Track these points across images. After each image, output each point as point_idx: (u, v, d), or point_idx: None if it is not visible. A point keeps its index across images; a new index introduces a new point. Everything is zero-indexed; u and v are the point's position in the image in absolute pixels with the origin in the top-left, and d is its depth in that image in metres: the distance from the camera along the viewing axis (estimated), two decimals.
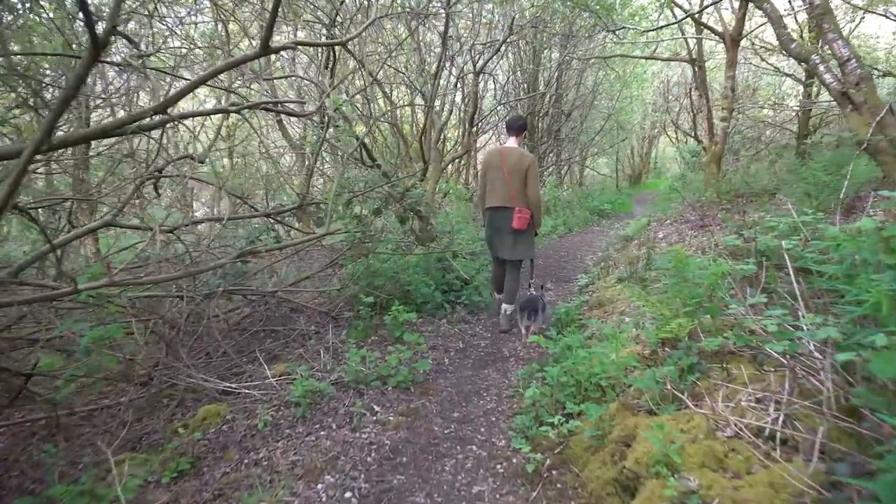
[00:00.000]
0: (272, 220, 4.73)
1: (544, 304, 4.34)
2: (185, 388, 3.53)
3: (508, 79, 12.12)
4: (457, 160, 14.51)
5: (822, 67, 4.06)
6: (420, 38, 9.26)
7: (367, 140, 11.11)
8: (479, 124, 13.95)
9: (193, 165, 4.83)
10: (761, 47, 10.71)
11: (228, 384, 3.52)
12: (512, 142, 4.56)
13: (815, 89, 10.78)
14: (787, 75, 11.38)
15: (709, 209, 7.99)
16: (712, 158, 8.70)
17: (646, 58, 9.82)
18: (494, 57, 10.17)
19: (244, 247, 4.44)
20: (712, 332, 2.49)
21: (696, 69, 8.95)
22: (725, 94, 8.53)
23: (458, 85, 10.05)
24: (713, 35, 8.44)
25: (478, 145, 15.14)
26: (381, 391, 3.40)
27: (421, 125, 8.81)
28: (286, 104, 6.01)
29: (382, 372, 3.49)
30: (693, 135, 17.42)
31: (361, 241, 4.87)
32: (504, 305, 4.68)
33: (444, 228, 6.20)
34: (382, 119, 9.32)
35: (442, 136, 12.82)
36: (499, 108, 11.81)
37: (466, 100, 11.00)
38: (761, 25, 8.72)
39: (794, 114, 12.97)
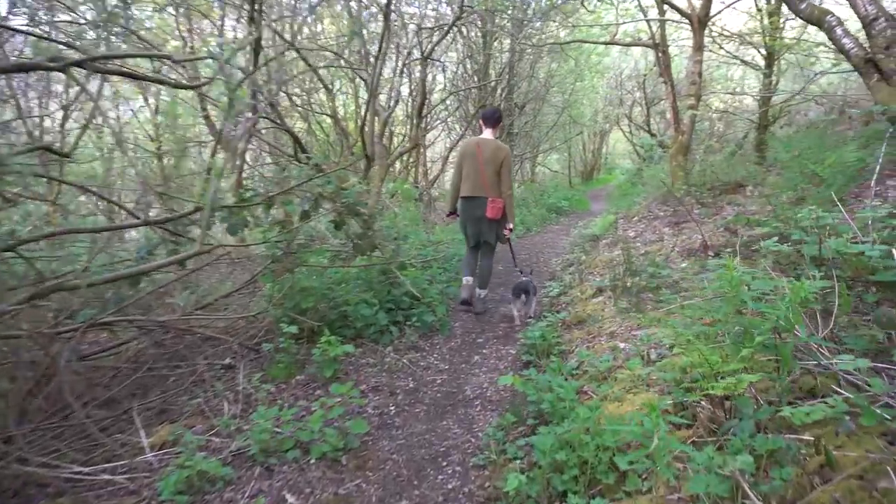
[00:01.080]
0: (162, 229, 3.65)
1: (535, 287, 4.43)
2: (17, 477, 2.46)
3: (458, 69, 11.26)
4: (405, 157, 13.59)
5: (839, 31, 3.39)
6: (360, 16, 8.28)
7: (304, 136, 10.08)
8: (428, 117, 13.08)
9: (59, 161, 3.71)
10: (720, 34, 10.28)
11: (81, 467, 2.48)
12: (488, 133, 4.59)
13: (774, 79, 10.46)
14: (746, 63, 11.00)
15: (680, 204, 7.38)
16: (679, 149, 8.11)
17: (606, 43, 9.18)
18: (443, 44, 9.32)
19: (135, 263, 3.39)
20: (788, 390, 1.66)
21: (660, 54, 8.35)
22: (692, 79, 7.94)
23: (405, 73, 9.10)
24: (678, 17, 7.84)
25: (427, 141, 14.23)
26: (301, 467, 2.43)
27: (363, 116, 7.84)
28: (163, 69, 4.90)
29: (303, 436, 2.52)
30: (646, 128, 17.11)
31: (285, 253, 3.88)
32: (478, 290, 4.71)
33: (391, 234, 5.27)
34: (320, 111, 8.31)
35: (388, 131, 11.86)
36: (448, 99, 10.96)
37: (414, 92, 10.08)
38: (728, 6, 8.16)
39: (754, 103, 12.73)
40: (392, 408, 3.08)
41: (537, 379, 2.65)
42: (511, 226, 4.65)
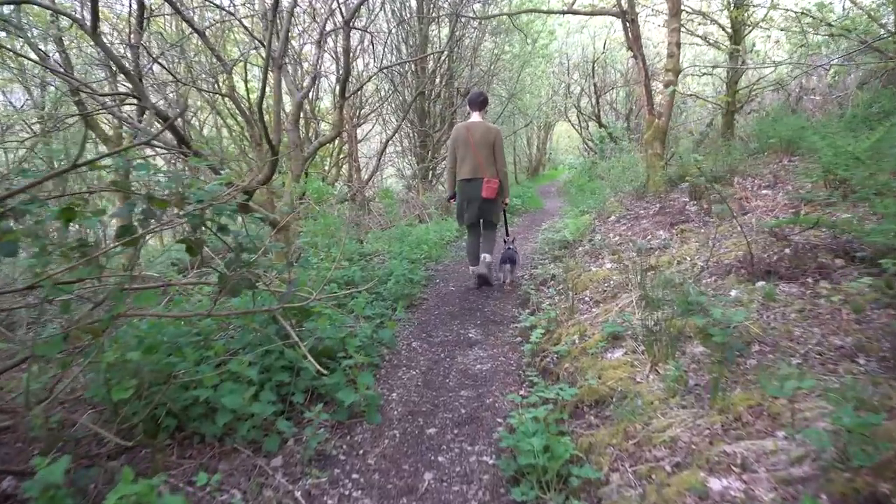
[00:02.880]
0: None
1: (518, 256, 5.01)
2: None
3: (387, 41, 9.66)
4: (335, 151, 11.81)
5: None
6: None
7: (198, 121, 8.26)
8: (361, 106, 11.35)
9: None
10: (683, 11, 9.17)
11: None
12: (476, 116, 4.73)
13: (740, 59, 9.46)
14: (711, 44, 9.98)
15: (667, 199, 6.07)
16: (655, 135, 6.82)
17: (563, 12, 7.83)
18: (371, 8, 7.70)
19: None
20: None
21: (629, 23, 7.03)
22: (670, 50, 6.67)
23: (326, 43, 7.38)
24: None
25: (359, 135, 12.50)
26: None
27: (271, 95, 6.17)
28: None
29: None
30: (596, 119, 16.07)
31: (89, 301, 2.18)
32: (483, 255, 4.85)
33: (299, 257, 3.66)
34: (210, 90, 6.48)
35: (310, 118, 10.06)
36: (380, 83, 9.34)
37: (340, 70, 8.37)
38: None
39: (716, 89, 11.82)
40: None
41: None
42: (507, 200, 4.96)
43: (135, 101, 4.54)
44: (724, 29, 9.67)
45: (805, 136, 6.67)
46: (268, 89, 6.09)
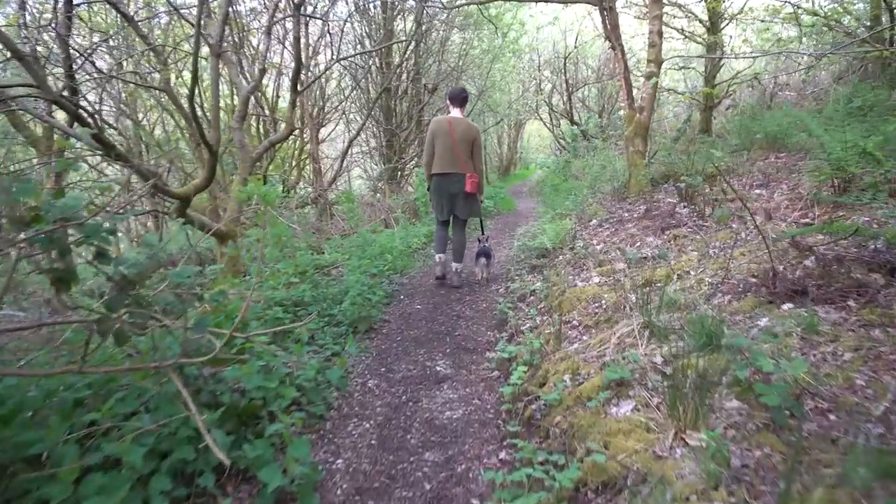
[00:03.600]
0: None
1: (492, 252, 5.11)
2: None
3: (344, 27, 9.02)
4: (296, 152, 11.06)
5: None
6: None
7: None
8: (323, 97, 10.63)
9: None
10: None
11: None
12: (457, 112, 4.73)
13: (719, 51, 9.10)
14: (687, 36, 9.60)
15: (652, 201, 5.58)
16: (637, 130, 6.33)
17: (538, 0, 7.28)
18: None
19: None
20: None
21: (606, 11, 6.53)
22: (651, 40, 6.18)
23: (277, 32, 6.68)
24: None
25: (322, 136, 11.77)
26: None
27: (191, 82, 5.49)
28: None
29: None
30: (568, 116, 15.65)
31: None
32: (453, 264, 4.86)
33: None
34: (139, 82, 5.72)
35: (260, 114, 9.30)
36: (343, 73, 8.65)
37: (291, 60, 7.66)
38: None
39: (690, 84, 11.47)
40: None
41: None
42: (482, 198, 5.12)
43: (33, 91, 3.79)
44: (701, 22, 9.31)
45: (791, 132, 6.31)
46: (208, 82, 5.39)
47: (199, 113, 6.70)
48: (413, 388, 2.87)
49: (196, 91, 4.23)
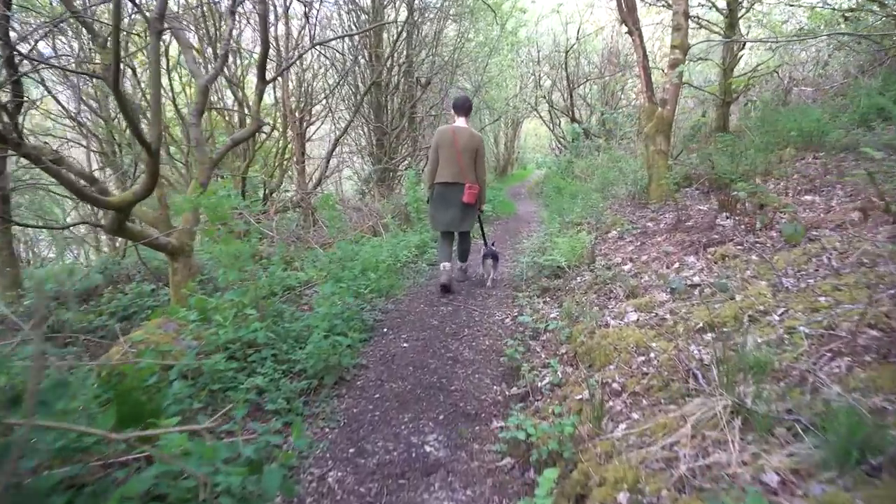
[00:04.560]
0: None
1: (499, 254, 5.05)
2: None
3: (320, 10, 8.17)
4: (278, 153, 10.19)
5: None
6: None
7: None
8: (309, 92, 9.76)
9: None
10: None
11: None
12: (461, 121, 4.69)
13: (736, 45, 8.29)
14: (702, 26, 8.80)
15: (680, 208, 4.74)
16: (658, 126, 5.51)
17: None
18: None
19: None
20: None
21: None
22: (677, 23, 5.36)
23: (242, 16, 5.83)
24: None
25: (309, 134, 10.89)
26: None
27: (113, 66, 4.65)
28: None
29: None
30: (569, 114, 14.84)
31: None
32: (458, 262, 5.11)
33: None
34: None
35: (225, 109, 8.42)
36: (328, 66, 7.80)
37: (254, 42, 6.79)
38: None
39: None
40: None
41: None
42: (483, 206, 4.99)
43: None
44: (718, 10, 8.50)
45: (827, 129, 5.53)
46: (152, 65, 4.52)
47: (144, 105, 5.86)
48: (392, 486, 2.03)
49: (128, 77, 3.35)
